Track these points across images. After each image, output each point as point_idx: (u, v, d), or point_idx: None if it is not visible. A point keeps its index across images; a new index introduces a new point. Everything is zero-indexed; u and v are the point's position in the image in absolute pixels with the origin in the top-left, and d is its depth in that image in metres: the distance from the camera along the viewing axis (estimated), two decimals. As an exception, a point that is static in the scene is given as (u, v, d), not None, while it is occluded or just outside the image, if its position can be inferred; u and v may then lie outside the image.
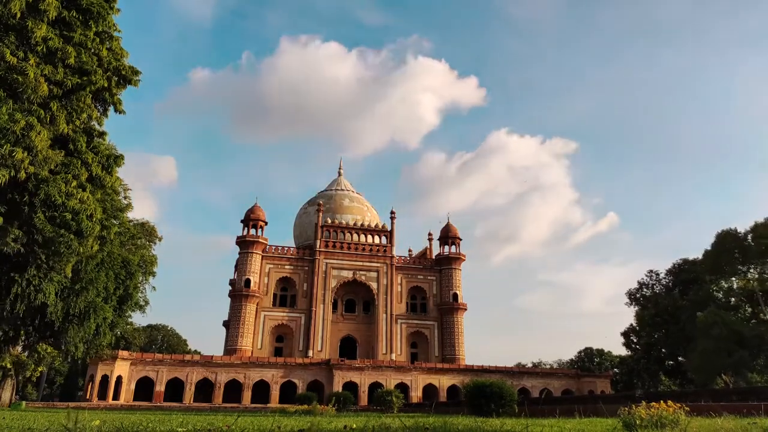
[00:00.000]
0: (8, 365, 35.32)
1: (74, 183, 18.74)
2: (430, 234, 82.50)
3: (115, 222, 28.00)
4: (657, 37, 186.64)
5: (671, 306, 60.21)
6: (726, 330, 45.36)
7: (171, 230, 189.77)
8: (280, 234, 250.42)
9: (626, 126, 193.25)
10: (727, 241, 51.71)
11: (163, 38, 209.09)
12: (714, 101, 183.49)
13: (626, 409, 9.97)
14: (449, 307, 74.17)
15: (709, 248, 54.56)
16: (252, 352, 65.96)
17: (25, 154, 16.21)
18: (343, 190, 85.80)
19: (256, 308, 69.21)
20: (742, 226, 55.00)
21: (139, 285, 41.01)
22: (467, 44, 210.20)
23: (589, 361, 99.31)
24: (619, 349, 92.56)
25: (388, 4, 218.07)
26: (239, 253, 71.51)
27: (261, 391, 57.10)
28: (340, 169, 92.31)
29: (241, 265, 70.57)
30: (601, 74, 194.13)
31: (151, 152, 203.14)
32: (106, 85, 20.29)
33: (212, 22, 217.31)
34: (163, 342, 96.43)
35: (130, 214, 41.58)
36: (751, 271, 51.36)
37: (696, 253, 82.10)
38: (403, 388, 57.78)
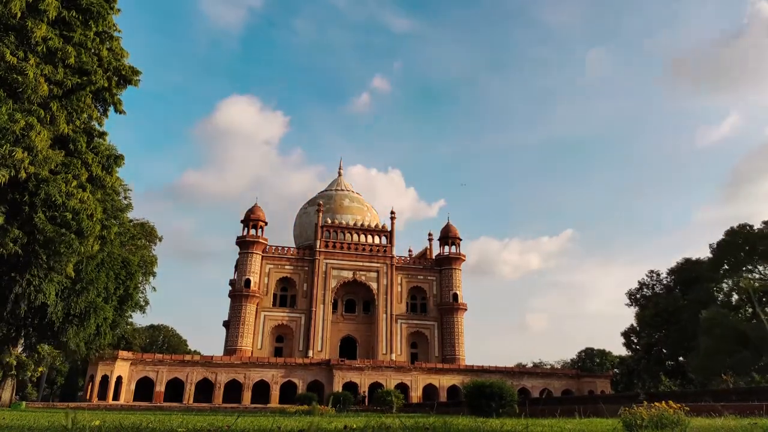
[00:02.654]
0: (12, 362, 35.41)
1: (74, 183, 18.73)
2: (430, 234, 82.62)
3: (115, 222, 28.00)
4: None
5: (672, 306, 60.14)
6: (728, 330, 45.17)
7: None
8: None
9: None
10: (736, 238, 51.32)
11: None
12: None
13: (627, 409, 9.93)
14: (449, 307, 74.15)
15: (714, 247, 54.23)
16: (252, 353, 65.93)
17: (25, 154, 16.19)
18: (343, 190, 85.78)
19: (256, 308, 69.20)
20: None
21: (139, 285, 41.11)
22: None
23: (590, 361, 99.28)
24: (619, 350, 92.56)
25: None
26: (239, 254, 71.48)
27: (261, 391, 57.05)
28: (340, 169, 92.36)
29: (241, 266, 70.54)
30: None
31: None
32: (106, 85, 20.29)
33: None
34: (163, 342, 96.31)
35: (128, 214, 41.59)
36: (758, 268, 51.14)
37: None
38: (403, 388, 57.74)
